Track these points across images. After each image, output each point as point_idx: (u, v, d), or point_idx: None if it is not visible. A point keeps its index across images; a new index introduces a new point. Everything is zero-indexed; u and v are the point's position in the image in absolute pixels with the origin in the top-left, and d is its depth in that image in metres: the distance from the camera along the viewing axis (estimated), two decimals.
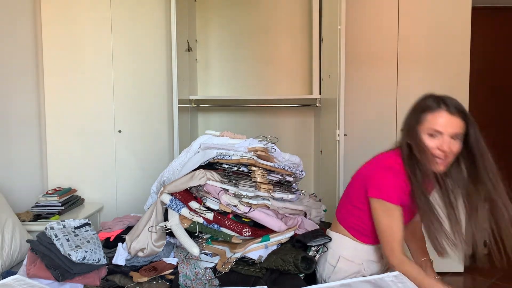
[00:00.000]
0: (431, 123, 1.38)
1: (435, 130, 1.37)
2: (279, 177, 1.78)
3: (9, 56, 2.54)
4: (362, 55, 2.96)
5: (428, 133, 1.39)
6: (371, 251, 1.59)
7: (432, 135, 1.38)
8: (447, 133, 1.37)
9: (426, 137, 1.39)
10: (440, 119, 1.37)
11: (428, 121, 1.39)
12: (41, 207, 2.54)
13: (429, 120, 1.39)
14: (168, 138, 2.94)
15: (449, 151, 1.37)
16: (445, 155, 1.37)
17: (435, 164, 1.38)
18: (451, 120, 1.36)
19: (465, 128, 1.39)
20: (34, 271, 1.55)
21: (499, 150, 4.24)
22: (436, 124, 1.37)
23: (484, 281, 2.96)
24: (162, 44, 2.91)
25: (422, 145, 1.38)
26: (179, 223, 1.69)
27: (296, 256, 1.48)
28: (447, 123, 1.36)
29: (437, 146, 1.37)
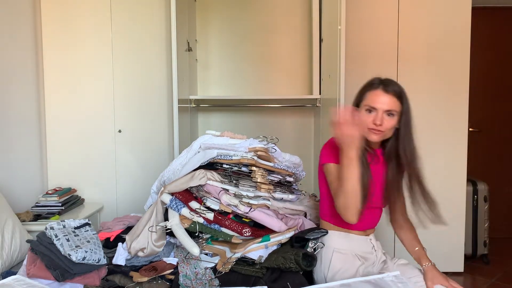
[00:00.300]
0: (368, 100, 1.55)
1: (371, 106, 1.53)
2: (280, 177, 1.78)
3: (9, 56, 2.54)
4: (362, 55, 2.96)
5: (366, 108, 1.55)
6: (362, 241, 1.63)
7: (369, 110, 1.54)
8: (381, 109, 1.52)
9: (365, 112, 1.55)
10: (376, 97, 1.53)
11: (366, 98, 1.56)
12: (41, 207, 2.54)
13: (367, 97, 1.56)
14: (168, 138, 2.94)
15: (383, 124, 1.52)
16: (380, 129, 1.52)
17: (370, 135, 1.54)
18: (385, 98, 1.52)
19: (400, 108, 1.54)
20: (34, 271, 1.55)
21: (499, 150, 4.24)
22: (372, 100, 1.54)
23: (484, 281, 2.96)
24: (162, 44, 2.91)
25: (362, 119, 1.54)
26: (179, 223, 1.69)
27: (297, 253, 1.48)
28: (382, 100, 1.52)
29: (372, 120, 1.53)
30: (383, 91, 1.53)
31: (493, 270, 3.15)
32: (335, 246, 1.59)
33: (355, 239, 1.62)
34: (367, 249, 1.64)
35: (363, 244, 1.64)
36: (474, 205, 3.28)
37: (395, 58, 2.96)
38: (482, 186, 3.30)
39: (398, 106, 1.54)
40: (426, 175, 3.13)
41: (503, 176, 3.92)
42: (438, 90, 2.96)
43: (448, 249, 2.97)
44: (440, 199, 3.13)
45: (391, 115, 1.53)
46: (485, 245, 3.28)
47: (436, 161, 2.98)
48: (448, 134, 2.97)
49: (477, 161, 3.66)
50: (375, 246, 1.67)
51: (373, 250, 1.65)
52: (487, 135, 3.89)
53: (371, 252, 1.64)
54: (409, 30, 2.94)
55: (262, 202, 1.67)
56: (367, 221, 1.64)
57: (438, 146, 2.98)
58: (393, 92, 1.54)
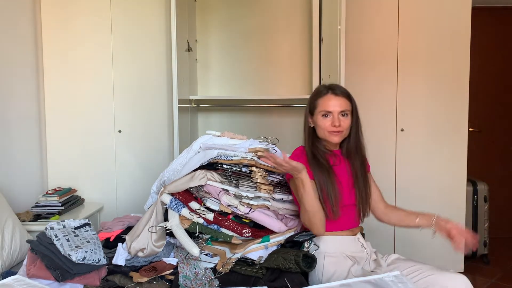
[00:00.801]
0: (322, 106, 1.66)
1: (326, 110, 1.65)
2: (280, 178, 1.79)
3: (9, 56, 2.54)
4: (362, 55, 2.96)
5: (322, 114, 1.66)
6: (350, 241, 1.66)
7: (325, 115, 1.65)
8: (335, 111, 1.64)
9: (321, 118, 1.66)
10: (329, 101, 1.65)
11: (320, 105, 1.67)
12: (41, 207, 2.53)
13: (320, 104, 1.67)
14: (168, 138, 2.94)
15: (341, 125, 1.63)
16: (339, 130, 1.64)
17: (332, 137, 1.65)
18: (337, 101, 1.65)
19: (351, 106, 1.68)
20: (34, 271, 1.55)
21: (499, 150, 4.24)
22: (326, 105, 1.65)
23: (484, 281, 2.96)
24: (162, 44, 2.91)
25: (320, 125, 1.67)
26: (179, 223, 1.69)
27: (297, 253, 1.49)
28: (335, 103, 1.64)
29: (330, 123, 1.64)
30: (333, 94, 1.66)
31: (493, 270, 3.15)
32: (325, 251, 1.61)
33: (343, 240, 1.65)
34: (356, 249, 1.66)
35: (352, 244, 1.66)
36: (474, 205, 3.28)
37: (395, 58, 2.96)
38: (482, 186, 3.30)
39: (349, 105, 1.67)
40: (426, 174, 3.14)
41: (503, 176, 3.91)
42: (438, 90, 2.96)
43: (448, 249, 2.95)
44: (440, 199, 3.16)
45: (345, 115, 1.65)
46: (485, 245, 3.28)
47: (436, 161, 2.98)
48: (448, 134, 2.97)
49: (477, 161, 3.66)
50: (364, 245, 1.69)
51: (362, 248, 1.68)
52: (487, 135, 3.89)
53: (361, 251, 1.66)
54: (409, 30, 2.94)
55: (262, 203, 1.67)
56: (348, 219, 1.67)
57: (438, 146, 2.98)
58: (342, 94, 1.67)
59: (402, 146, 2.95)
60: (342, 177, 1.67)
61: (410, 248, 2.96)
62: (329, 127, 1.64)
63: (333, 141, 1.66)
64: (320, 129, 1.67)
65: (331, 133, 1.65)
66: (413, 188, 2.98)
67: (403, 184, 2.98)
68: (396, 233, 2.99)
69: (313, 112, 1.70)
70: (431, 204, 2.98)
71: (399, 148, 2.99)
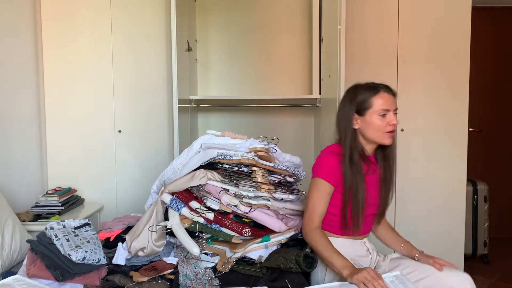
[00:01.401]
0: (380, 104, 1.54)
1: (384, 109, 1.54)
2: (280, 177, 1.78)
3: (9, 56, 2.54)
4: (362, 55, 2.95)
5: (379, 114, 1.55)
6: (356, 244, 1.64)
7: (383, 115, 1.55)
8: (392, 109, 1.56)
9: (378, 117, 1.55)
10: (386, 99, 1.56)
11: (376, 104, 1.55)
12: (41, 207, 2.53)
13: (376, 102, 1.55)
14: (168, 138, 2.94)
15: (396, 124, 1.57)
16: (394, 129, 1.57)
17: (386, 138, 1.57)
18: (391, 98, 1.57)
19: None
20: (34, 271, 1.55)
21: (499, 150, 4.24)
22: (383, 104, 1.55)
23: (484, 281, 2.96)
24: (162, 44, 2.91)
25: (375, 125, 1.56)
26: (179, 222, 1.69)
27: (298, 254, 1.48)
28: (390, 101, 1.56)
29: (388, 122, 1.55)
30: (389, 93, 1.57)
31: (493, 270, 3.15)
32: None
33: (350, 244, 1.62)
34: (362, 253, 1.65)
35: (358, 248, 1.65)
36: (474, 205, 3.28)
37: (395, 58, 2.96)
38: (482, 186, 3.30)
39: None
40: (426, 175, 3.13)
41: (503, 176, 3.91)
42: (438, 90, 2.96)
43: (448, 249, 2.96)
44: (440, 199, 3.16)
45: (395, 114, 1.58)
46: (485, 245, 3.28)
47: (436, 161, 2.98)
48: (448, 134, 2.96)
49: (477, 161, 3.66)
50: (369, 249, 1.67)
51: (367, 253, 1.66)
52: (487, 135, 3.89)
53: (365, 255, 1.65)
54: (409, 30, 2.94)
55: (262, 202, 1.67)
56: (364, 228, 1.65)
57: (438, 146, 2.98)
58: (393, 92, 1.60)
59: (402, 146, 2.95)
60: (371, 187, 1.61)
61: None
62: (387, 127, 1.54)
63: (387, 142, 1.57)
64: (374, 130, 1.56)
65: (387, 134, 1.55)
66: (413, 188, 2.98)
67: (403, 184, 2.98)
68: (396, 231, 2.98)
69: (363, 112, 1.57)
70: (431, 204, 2.98)
71: (399, 148, 2.99)
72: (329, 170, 1.55)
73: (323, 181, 1.55)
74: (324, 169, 1.56)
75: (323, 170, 1.56)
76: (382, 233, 1.76)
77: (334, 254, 1.44)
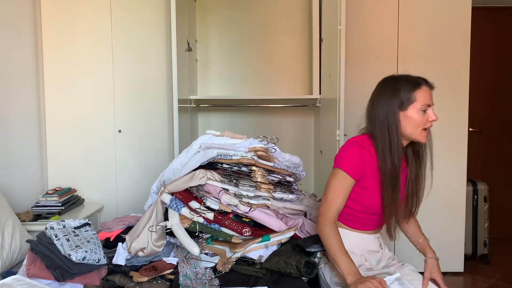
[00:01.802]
0: (423, 99, 1.46)
1: (427, 104, 1.46)
2: (279, 177, 1.78)
3: (9, 56, 2.54)
4: (362, 55, 2.95)
5: (422, 109, 1.46)
6: (370, 239, 1.62)
7: (425, 110, 1.47)
8: (432, 104, 1.49)
9: (420, 113, 1.47)
10: (428, 94, 1.48)
11: (420, 98, 1.46)
12: (41, 207, 2.53)
13: (419, 96, 1.46)
14: (168, 138, 2.94)
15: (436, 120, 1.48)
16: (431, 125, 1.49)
17: (423, 137, 1.49)
18: (431, 93, 1.50)
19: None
20: (34, 271, 1.55)
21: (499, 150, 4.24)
22: (426, 98, 1.47)
23: (484, 281, 2.96)
24: (162, 44, 2.91)
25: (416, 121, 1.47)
26: (179, 222, 1.69)
27: (299, 260, 1.47)
28: (431, 96, 1.49)
29: (427, 118, 1.47)
30: (429, 87, 1.50)
31: (493, 270, 3.15)
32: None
33: (364, 239, 1.60)
34: (374, 248, 1.62)
35: (371, 242, 1.62)
36: (474, 205, 3.28)
37: (395, 58, 2.96)
38: (482, 186, 3.30)
39: None
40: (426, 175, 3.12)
41: (503, 176, 3.91)
42: (438, 90, 2.91)
43: (448, 249, 2.96)
44: (440, 199, 3.16)
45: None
46: (485, 245, 3.27)
47: (436, 161, 2.97)
48: (448, 134, 2.96)
49: (477, 161, 3.66)
50: (382, 244, 1.65)
51: (379, 248, 1.64)
52: (487, 135, 3.89)
53: (377, 250, 1.63)
54: (409, 30, 2.94)
55: (262, 202, 1.67)
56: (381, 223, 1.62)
57: (438, 146, 2.94)
58: (432, 86, 1.52)
59: None
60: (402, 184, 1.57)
61: (410, 246, 2.95)
62: (427, 123, 1.47)
63: (423, 141, 1.50)
64: (413, 125, 1.47)
65: (424, 131, 1.48)
66: None
67: None
68: None
69: (406, 107, 1.47)
70: (431, 204, 2.98)
71: None
72: (353, 163, 1.49)
73: (345, 174, 1.48)
74: (347, 161, 1.49)
75: (345, 162, 1.49)
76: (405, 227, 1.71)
77: (343, 256, 1.39)
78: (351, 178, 1.49)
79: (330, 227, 1.45)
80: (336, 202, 1.48)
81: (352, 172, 1.48)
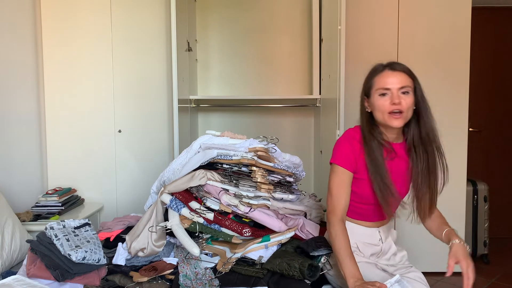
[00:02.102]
0: (379, 83, 1.49)
1: (384, 88, 1.48)
2: (280, 177, 1.78)
3: (9, 56, 2.54)
4: (362, 55, 2.95)
5: (379, 93, 1.49)
6: (369, 232, 1.61)
7: (383, 94, 1.48)
8: (394, 88, 1.47)
9: (379, 97, 1.49)
10: (386, 78, 1.48)
11: (376, 83, 1.50)
12: (41, 207, 2.53)
13: (377, 81, 1.50)
14: (168, 138, 2.94)
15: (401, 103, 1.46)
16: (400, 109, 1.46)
17: (392, 120, 1.47)
18: (395, 76, 1.48)
19: (413, 84, 1.51)
20: (34, 271, 1.55)
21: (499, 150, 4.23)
22: (383, 82, 1.48)
23: (484, 281, 2.96)
24: (162, 44, 2.91)
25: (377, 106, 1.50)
26: (179, 223, 1.69)
27: (302, 263, 1.47)
28: (393, 80, 1.47)
29: (389, 101, 1.47)
30: (391, 70, 1.50)
31: (493, 270, 3.15)
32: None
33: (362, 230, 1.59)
34: (372, 241, 1.61)
35: (369, 235, 1.60)
36: (474, 205, 3.28)
37: (395, 58, 2.96)
38: (482, 186, 3.29)
39: (410, 81, 1.50)
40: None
41: (503, 176, 3.91)
42: (438, 90, 2.96)
43: (448, 249, 2.96)
44: (440, 199, 3.14)
45: (406, 93, 1.48)
46: (485, 245, 3.27)
47: None
48: (448, 134, 2.95)
49: (477, 161, 3.66)
50: (382, 238, 1.62)
51: (379, 242, 1.62)
52: (487, 135, 3.89)
53: (376, 244, 1.61)
54: (409, 30, 2.94)
55: (262, 202, 1.67)
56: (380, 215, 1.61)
57: None
58: (401, 70, 1.51)
59: None
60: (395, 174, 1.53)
61: (411, 246, 2.95)
62: (388, 107, 1.46)
63: (394, 125, 1.47)
64: (379, 111, 1.49)
65: (391, 115, 1.46)
66: None
67: None
68: (396, 231, 2.98)
69: (369, 93, 1.52)
70: None
71: None
72: (345, 156, 1.51)
73: (341, 168, 1.50)
74: (339, 155, 1.52)
75: (338, 156, 1.52)
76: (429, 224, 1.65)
77: (347, 258, 1.38)
78: (347, 171, 1.51)
79: (339, 226, 1.45)
80: (341, 197, 1.49)
81: (346, 164, 1.50)
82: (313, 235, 1.75)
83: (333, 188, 1.51)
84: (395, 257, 1.64)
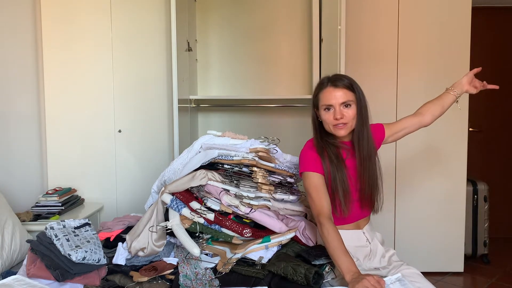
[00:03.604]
0: (323, 100, 1.62)
1: (327, 104, 1.61)
2: (280, 178, 1.78)
3: (9, 56, 2.54)
4: (362, 55, 2.96)
5: (324, 108, 1.63)
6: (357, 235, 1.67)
7: (327, 108, 1.62)
8: (336, 104, 1.59)
9: (324, 112, 1.63)
10: (328, 94, 1.61)
11: (321, 99, 1.63)
12: (41, 207, 2.53)
13: (321, 97, 1.63)
14: (168, 138, 2.94)
15: (343, 117, 1.59)
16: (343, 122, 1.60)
17: (337, 130, 1.62)
18: (337, 93, 1.60)
19: (354, 97, 1.62)
20: (34, 271, 1.55)
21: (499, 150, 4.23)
22: (325, 99, 1.61)
23: (484, 281, 2.96)
24: (162, 44, 2.91)
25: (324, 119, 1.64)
26: (179, 223, 1.69)
27: (309, 269, 1.46)
28: (335, 96, 1.60)
29: (333, 117, 1.60)
30: (333, 87, 1.61)
31: (493, 270, 3.15)
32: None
33: (350, 235, 1.63)
34: (361, 243, 1.66)
35: (356, 238, 1.66)
36: (474, 205, 3.28)
37: (395, 58, 2.96)
38: (482, 186, 3.30)
39: (351, 95, 1.61)
40: (426, 175, 3.14)
41: (503, 176, 3.91)
42: (438, 90, 2.94)
43: (448, 249, 2.97)
44: (440, 199, 3.16)
45: (348, 106, 1.60)
46: (485, 245, 3.28)
47: (436, 161, 2.98)
48: (448, 134, 2.97)
49: (477, 161, 3.66)
50: (369, 239, 1.68)
51: (367, 243, 1.66)
52: (487, 135, 3.89)
53: (365, 246, 1.65)
54: (409, 30, 2.94)
55: (263, 203, 1.67)
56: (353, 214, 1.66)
57: (438, 146, 2.98)
58: (343, 85, 1.61)
59: (401, 145, 2.95)
60: (352, 171, 1.65)
61: (410, 246, 2.96)
62: (332, 121, 1.61)
63: (339, 134, 1.62)
64: (325, 123, 1.64)
65: (335, 127, 1.61)
66: (413, 187, 2.98)
67: (403, 183, 2.98)
68: (396, 231, 3.00)
69: (317, 106, 1.66)
70: (431, 204, 2.98)
71: (399, 148, 2.99)
72: (312, 162, 1.61)
73: (311, 173, 1.60)
74: (305, 163, 1.63)
75: (304, 164, 1.63)
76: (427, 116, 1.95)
77: (342, 254, 1.42)
78: (319, 174, 1.60)
79: (329, 225, 1.50)
80: (322, 198, 1.57)
81: (317, 168, 1.60)
82: (312, 240, 1.75)
83: (311, 192, 1.58)
84: (384, 258, 1.66)
